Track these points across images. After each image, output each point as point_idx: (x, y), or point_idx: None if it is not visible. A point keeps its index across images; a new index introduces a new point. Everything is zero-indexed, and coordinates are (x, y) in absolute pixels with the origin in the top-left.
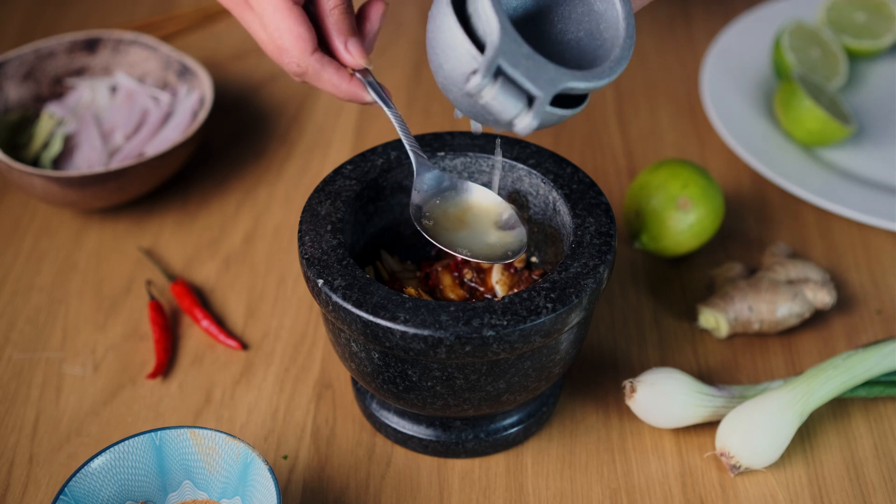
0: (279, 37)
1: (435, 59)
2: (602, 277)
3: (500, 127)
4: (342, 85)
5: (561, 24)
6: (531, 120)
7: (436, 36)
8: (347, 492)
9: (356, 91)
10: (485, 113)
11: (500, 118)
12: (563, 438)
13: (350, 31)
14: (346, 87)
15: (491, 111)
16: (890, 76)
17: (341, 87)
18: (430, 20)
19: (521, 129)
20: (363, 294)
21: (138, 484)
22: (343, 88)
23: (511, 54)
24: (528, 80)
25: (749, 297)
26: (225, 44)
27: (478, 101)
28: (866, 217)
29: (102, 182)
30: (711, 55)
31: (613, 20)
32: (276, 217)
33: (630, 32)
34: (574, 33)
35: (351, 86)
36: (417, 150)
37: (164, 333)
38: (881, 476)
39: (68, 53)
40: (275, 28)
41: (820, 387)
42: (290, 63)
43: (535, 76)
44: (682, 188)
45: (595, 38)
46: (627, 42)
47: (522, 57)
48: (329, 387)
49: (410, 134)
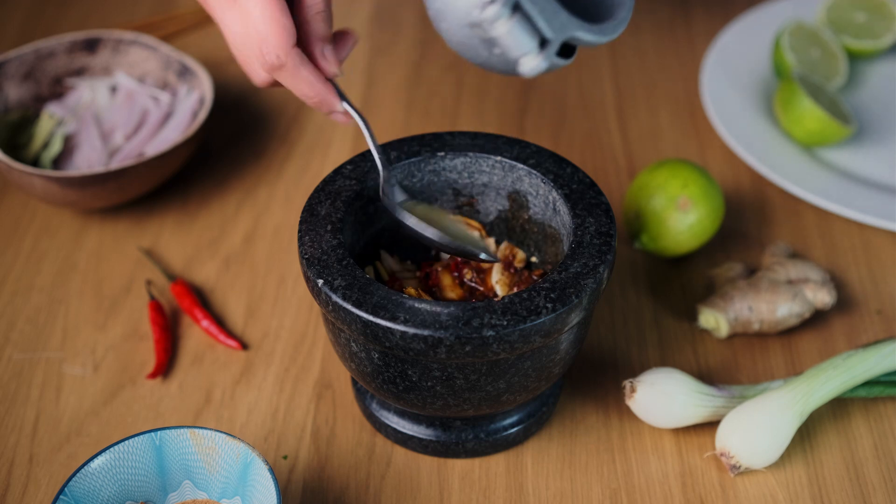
0: (263, 25)
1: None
2: (602, 277)
3: (499, 65)
4: (317, 84)
5: None
6: (541, 61)
7: None
8: (347, 492)
9: (327, 94)
10: (482, 47)
11: (510, 53)
12: (563, 438)
13: (328, 37)
14: (320, 88)
15: (501, 44)
16: (890, 76)
17: (316, 87)
18: None
19: (528, 69)
20: (363, 294)
21: (138, 484)
22: (318, 88)
23: None
24: (543, 20)
25: (749, 297)
26: (225, 44)
27: (489, 31)
28: (866, 217)
29: (102, 182)
30: (711, 55)
31: None
32: (276, 217)
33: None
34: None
35: (325, 87)
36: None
37: (164, 333)
38: (881, 476)
39: (68, 53)
40: (259, 16)
41: (820, 387)
42: (268, 54)
43: (550, 18)
44: (682, 188)
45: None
46: (628, 4)
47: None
48: (329, 387)
49: (380, 147)
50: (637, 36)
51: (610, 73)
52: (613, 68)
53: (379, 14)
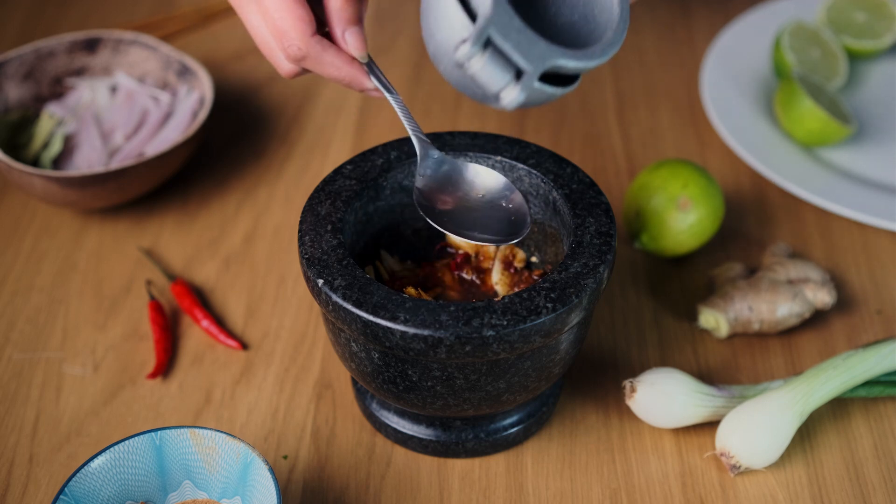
0: (280, 18)
1: (427, 27)
2: (602, 277)
3: (488, 101)
4: (344, 67)
5: (556, 7)
6: (518, 94)
7: (429, 3)
8: (347, 492)
9: (357, 75)
10: (473, 85)
11: (487, 90)
12: (563, 438)
13: (350, 20)
14: (347, 70)
15: (478, 82)
16: (890, 76)
17: (343, 70)
18: None
19: (506, 102)
20: (363, 294)
21: (138, 484)
22: (345, 71)
23: (502, 26)
24: (517, 53)
25: (749, 297)
26: (225, 44)
27: (466, 70)
28: (866, 217)
29: (102, 182)
30: (711, 55)
31: (608, 4)
32: (276, 217)
33: (624, 17)
34: (568, 16)
35: (353, 68)
36: (420, 134)
37: (164, 333)
38: (881, 476)
39: (68, 53)
40: (275, 10)
41: (820, 387)
42: (290, 47)
43: (525, 50)
44: (682, 188)
45: (589, 21)
46: (621, 26)
47: (513, 30)
48: (329, 387)
49: (413, 119)
50: (637, 36)
51: (610, 74)
52: (614, 68)
53: (379, 14)
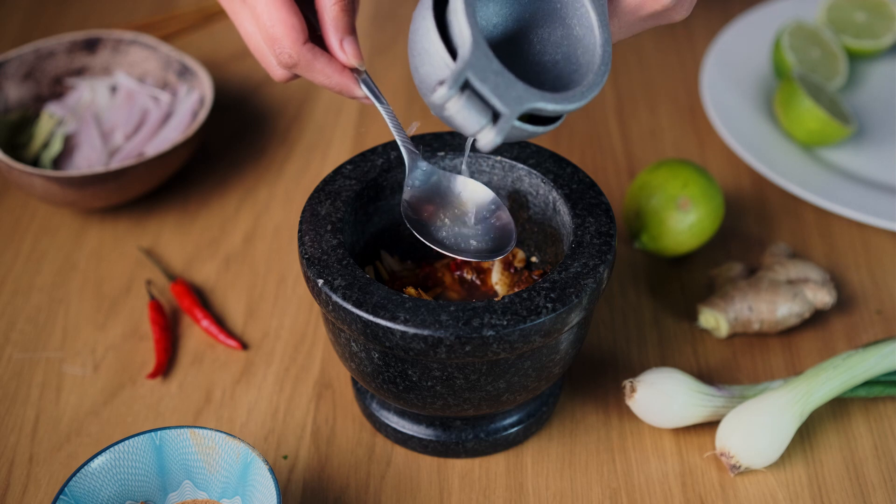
0: (271, 26)
1: (413, 60)
2: (602, 277)
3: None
4: (334, 76)
5: (539, 46)
6: (494, 136)
7: (415, 38)
8: (347, 492)
9: (347, 83)
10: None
11: (465, 130)
12: (563, 438)
13: (347, 29)
14: (337, 79)
15: (454, 123)
16: (890, 76)
17: (333, 79)
18: (413, 21)
19: (482, 144)
20: (363, 294)
21: (138, 484)
22: (335, 80)
23: (480, 69)
24: (494, 96)
25: (749, 297)
26: (225, 44)
27: (442, 113)
28: (866, 217)
29: (102, 182)
30: (711, 55)
31: (591, 46)
32: (276, 217)
33: (606, 60)
34: (551, 56)
35: (343, 77)
36: (409, 145)
37: (164, 333)
38: (881, 476)
39: (68, 53)
40: (267, 18)
41: (820, 387)
42: (281, 54)
43: (503, 93)
44: (682, 188)
45: (571, 62)
46: (602, 69)
47: (491, 72)
48: (329, 387)
49: (403, 129)
50: (637, 36)
51: (610, 74)
52: (613, 68)
53: (379, 14)
